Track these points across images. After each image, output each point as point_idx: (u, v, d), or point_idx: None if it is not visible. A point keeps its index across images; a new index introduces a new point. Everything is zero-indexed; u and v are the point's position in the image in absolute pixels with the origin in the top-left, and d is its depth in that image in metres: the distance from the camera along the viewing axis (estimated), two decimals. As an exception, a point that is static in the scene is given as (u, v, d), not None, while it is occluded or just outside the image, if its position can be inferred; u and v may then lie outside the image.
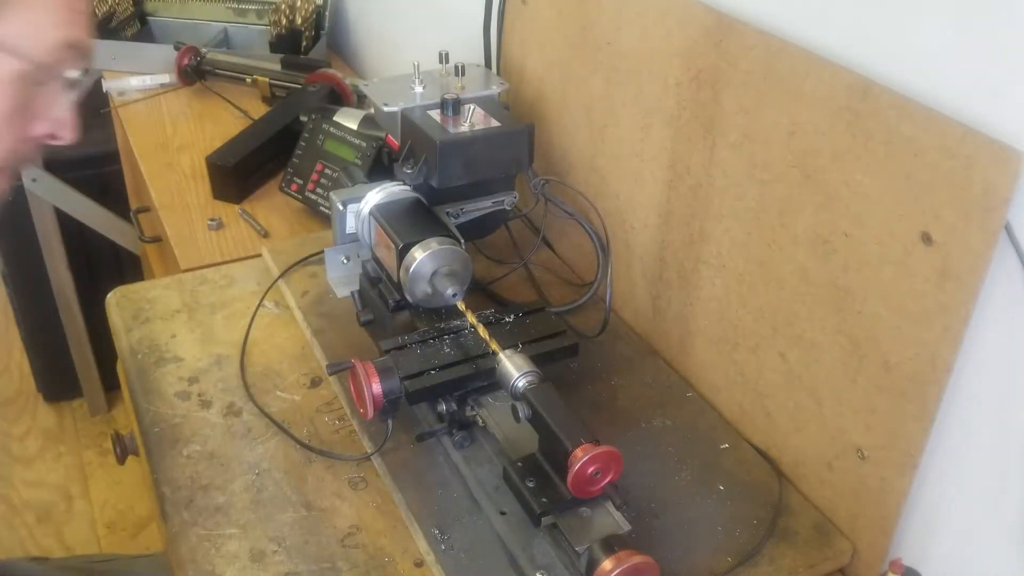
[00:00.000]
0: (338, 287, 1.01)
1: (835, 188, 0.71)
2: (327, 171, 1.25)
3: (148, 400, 0.90)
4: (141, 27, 1.87)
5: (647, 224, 0.95)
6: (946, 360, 0.65)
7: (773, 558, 0.75)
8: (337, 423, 0.88)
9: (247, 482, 0.81)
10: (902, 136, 0.64)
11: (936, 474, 0.71)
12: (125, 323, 1.00)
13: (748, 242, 0.82)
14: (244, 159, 1.35)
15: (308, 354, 0.96)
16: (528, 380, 0.72)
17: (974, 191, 0.60)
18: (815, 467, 0.80)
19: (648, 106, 0.90)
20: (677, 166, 0.88)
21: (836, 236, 0.72)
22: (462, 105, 0.90)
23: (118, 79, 1.72)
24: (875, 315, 0.70)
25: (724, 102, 0.80)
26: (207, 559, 0.74)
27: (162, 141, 1.53)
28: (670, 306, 0.95)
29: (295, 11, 1.75)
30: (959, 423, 0.68)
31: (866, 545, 0.76)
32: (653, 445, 0.85)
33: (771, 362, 0.82)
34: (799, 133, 0.73)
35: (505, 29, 1.13)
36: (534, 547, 0.72)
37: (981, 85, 0.61)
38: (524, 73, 1.11)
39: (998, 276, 0.62)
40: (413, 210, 0.89)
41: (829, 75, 0.69)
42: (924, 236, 0.64)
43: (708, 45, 0.80)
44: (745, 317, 0.84)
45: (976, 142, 0.59)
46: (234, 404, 0.90)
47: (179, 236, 1.27)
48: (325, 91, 1.50)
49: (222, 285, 1.07)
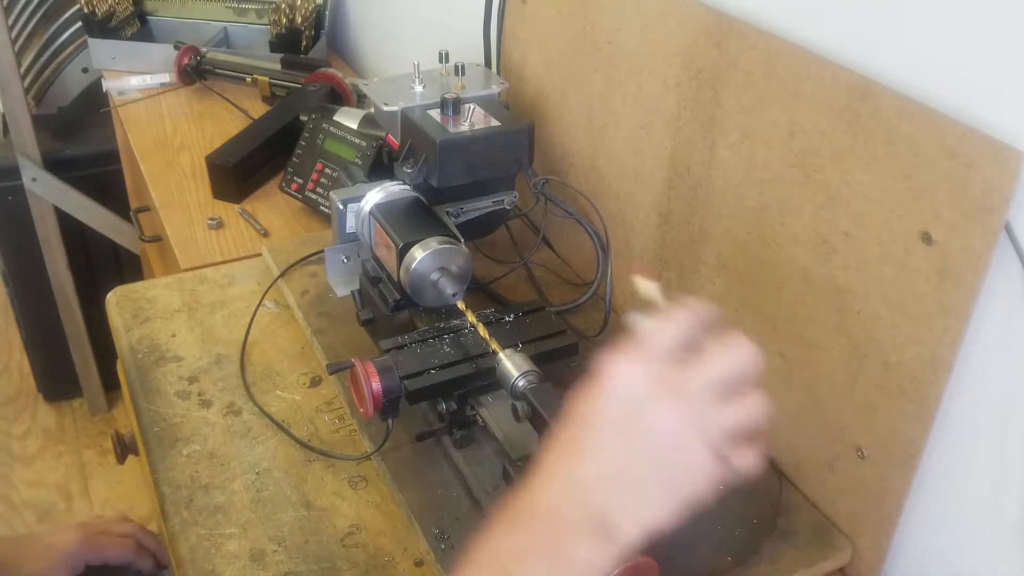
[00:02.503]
0: (338, 286, 1.01)
1: (835, 188, 0.71)
2: (327, 170, 1.25)
3: (148, 399, 0.90)
4: (141, 26, 1.87)
5: (647, 223, 0.95)
6: (946, 360, 0.65)
7: (773, 558, 0.75)
8: (337, 423, 0.88)
9: (247, 481, 0.81)
10: (902, 136, 0.64)
11: (936, 474, 0.71)
12: (125, 322, 1.00)
13: (748, 242, 0.82)
14: (244, 158, 1.35)
15: (308, 353, 0.96)
16: (528, 380, 0.72)
17: (974, 191, 0.60)
18: (815, 466, 0.80)
19: (648, 105, 0.90)
20: (677, 165, 0.88)
21: (836, 236, 0.72)
22: (462, 104, 0.90)
23: (118, 79, 1.72)
24: (875, 315, 0.70)
25: (724, 102, 0.80)
26: (207, 558, 0.74)
27: (162, 141, 1.53)
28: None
29: (295, 10, 1.75)
30: (959, 422, 0.68)
31: (866, 545, 0.76)
32: (653, 445, 0.85)
33: (771, 362, 0.82)
34: (799, 133, 0.73)
35: (505, 28, 1.13)
36: (534, 547, 0.72)
37: (981, 85, 0.61)
38: (524, 72, 1.11)
39: (998, 276, 0.62)
40: (413, 210, 0.89)
41: (829, 75, 0.69)
42: (924, 236, 0.64)
43: (708, 45, 0.80)
44: (745, 317, 0.84)
45: (976, 142, 0.59)
46: (234, 403, 0.90)
47: (179, 235, 1.27)
48: (325, 91, 1.50)
49: (222, 284, 1.07)
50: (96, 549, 1.00)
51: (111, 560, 1.01)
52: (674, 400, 0.51)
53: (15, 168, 1.87)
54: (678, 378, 0.51)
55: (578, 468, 0.51)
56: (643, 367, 0.52)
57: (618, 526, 0.50)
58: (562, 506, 0.51)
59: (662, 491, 0.50)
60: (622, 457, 0.51)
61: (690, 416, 0.50)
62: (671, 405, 0.51)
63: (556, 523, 0.50)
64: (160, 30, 1.88)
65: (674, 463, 0.50)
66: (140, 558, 1.02)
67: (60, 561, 0.98)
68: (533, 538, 0.51)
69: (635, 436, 0.51)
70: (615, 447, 0.51)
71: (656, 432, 0.50)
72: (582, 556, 0.49)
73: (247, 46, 1.83)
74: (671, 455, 0.50)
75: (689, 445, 0.50)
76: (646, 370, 0.51)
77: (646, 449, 0.50)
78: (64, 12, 2.09)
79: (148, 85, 1.70)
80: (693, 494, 0.51)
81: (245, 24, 1.86)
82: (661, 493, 0.50)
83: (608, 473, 0.50)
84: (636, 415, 0.51)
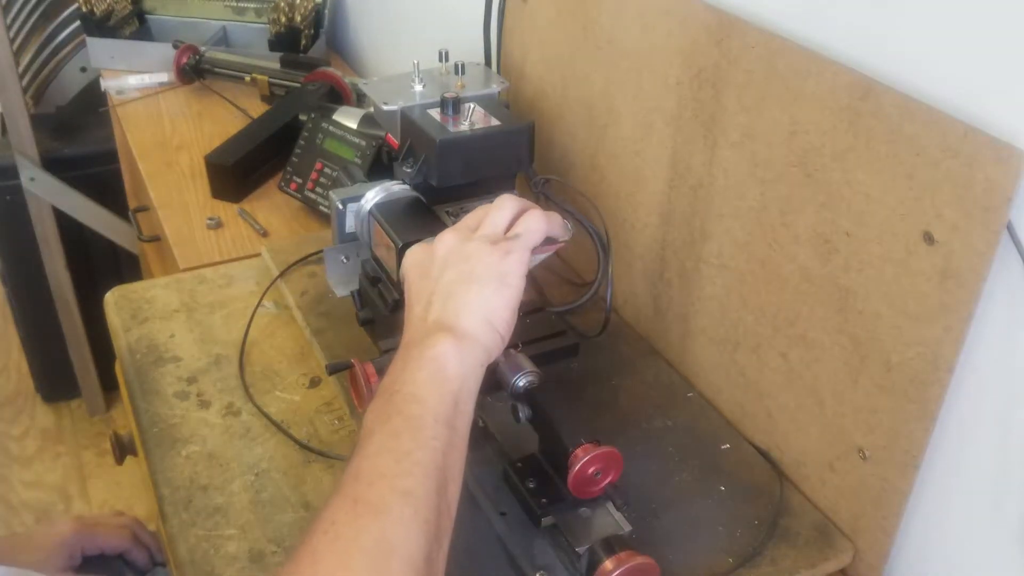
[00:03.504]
0: (337, 287, 1.00)
1: (836, 187, 0.70)
2: (326, 170, 1.25)
3: (147, 400, 0.90)
4: (139, 25, 1.87)
5: (648, 223, 0.95)
6: (948, 360, 0.65)
7: (774, 559, 0.75)
8: (337, 423, 0.88)
9: (246, 482, 0.81)
10: (904, 135, 0.64)
11: (937, 474, 0.71)
12: (124, 323, 1.00)
13: (749, 241, 0.81)
14: (243, 158, 1.34)
15: (307, 354, 0.96)
16: (528, 380, 0.72)
17: (976, 190, 0.59)
18: (816, 467, 0.80)
19: (649, 105, 0.90)
20: (678, 165, 0.88)
21: (837, 235, 0.71)
22: (462, 104, 0.89)
23: (116, 78, 1.71)
24: (876, 315, 0.70)
25: (725, 101, 0.80)
26: (206, 560, 0.74)
27: (161, 140, 1.52)
28: (671, 306, 0.95)
29: (294, 9, 1.75)
30: (960, 423, 0.68)
31: (867, 545, 0.76)
32: (654, 445, 0.85)
33: (772, 362, 0.82)
34: (800, 132, 0.73)
35: (505, 27, 1.13)
36: (534, 547, 0.72)
37: (983, 84, 0.60)
38: (524, 71, 1.11)
39: (1000, 276, 0.62)
40: (413, 209, 0.89)
41: (830, 74, 0.69)
42: (926, 235, 0.64)
43: (709, 44, 0.80)
44: (746, 317, 0.84)
45: (978, 141, 0.59)
46: (233, 404, 0.89)
47: (178, 235, 1.27)
48: (324, 90, 1.50)
49: (221, 285, 1.06)
50: (92, 538, 0.99)
51: (107, 549, 1.00)
52: (440, 236, 0.70)
53: (13, 168, 1.87)
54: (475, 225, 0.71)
55: (412, 314, 0.68)
56: (420, 244, 0.72)
57: (454, 321, 0.65)
58: (412, 337, 0.66)
59: (470, 285, 0.66)
60: (429, 286, 0.68)
61: (457, 235, 0.70)
62: (439, 240, 0.70)
63: (413, 346, 0.64)
64: (159, 29, 1.88)
65: (464, 264, 0.67)
66: (136, 548, 1.02)
67: (56, 551, 0.97)
68: (401, 362, 0.64)
69: (430, 271, 0.69)
70: (422, 286, 0.68)
71: (439, 257, 0.69)
72: (438, 348, 0.63)
73: (246, 45, 1.83)
74: (459, 261, 0.67)
75: (468, 248, 0.68)
76: (422, 244, 0.72)
77: (440, 271, 0.68)
78: (62, 11, 2.09)
79: (147, 84, 1.70)
80: (499, 275, 0.66)
81: (244, 23, 1.86)
82: (471, 286, 0.66)
83: (427, 300, 0.67)
84: (424, 261, 0.70)
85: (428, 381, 0.62)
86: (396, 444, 0.59)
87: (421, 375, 0.62)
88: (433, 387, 0.62)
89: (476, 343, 0.64)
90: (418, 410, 0.61)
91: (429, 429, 0.60)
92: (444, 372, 0.62)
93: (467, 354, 0.64)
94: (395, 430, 0.60)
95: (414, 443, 0.59)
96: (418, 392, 0.62)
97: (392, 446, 0.59)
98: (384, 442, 0.60)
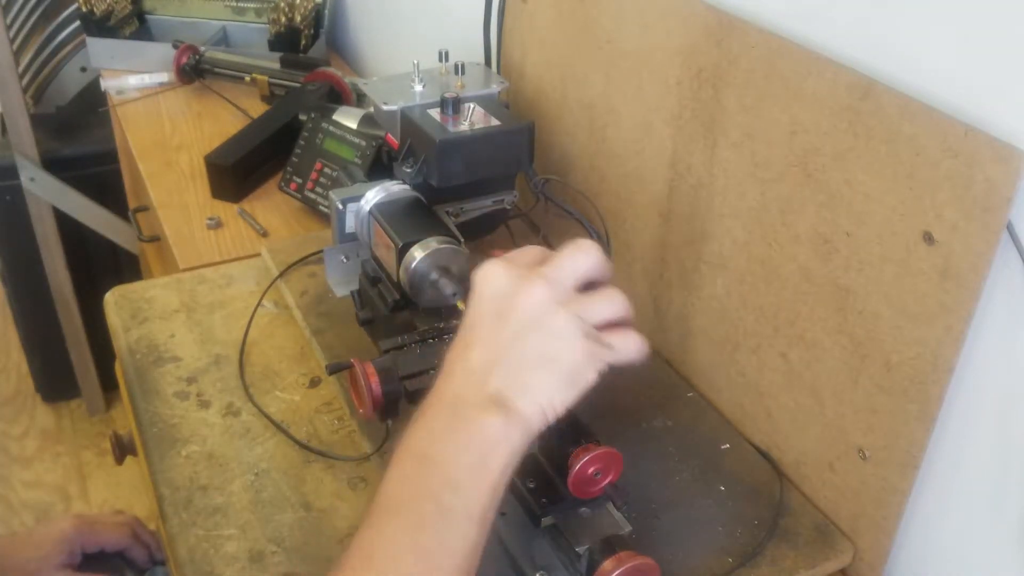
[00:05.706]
0: (337, 287, 1.00)
1: (836, 187, 0.70)
2: (326, 170, 1.24)
3: (146, 400, 0.90)
4: (139, 25, 1.87)
5: (648, 223, 0.95)
6: (948, 360, 0.65)
7: (774, 559, 0.75)
8: (337, 423, 0.88)
9: (246, 483, 0.81)
10: (903, 135, 0.64)
11: (937, 474, 0.71)
12: (123, 323, 1.00)
13: (749, 241, 0.81)
14: (243, 158, 1.34)
15: (307, 354, 0.96)
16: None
17: (976, 190, 0.59)
18: (816, 467, 0.80)
19: (649, 105, 0.90)
20: (678, 165, 0.88)
21: (837, 235, 0.71)
22: (462, 104, 0.89)
23: (116, 78, 1.71)
24: (876, 315, 0.70)
25: (725, 101, 0.80)
26: (206, 560, 0.74)
27: (160, 140, 1.52)
28: (671, 306, 0.95)
29: (294, 9, 1.75)
30: (960, 423, 0.68)
31: (867, 545, 0.76)
32: (654, 445, 0.85)
33: (772, 362, 0.82)
34: (800, 132, 0.73)
35: (505, 27, 1.13)
36: (534, 548, 0.72)
37: (983, 84, 0.60)
38: (524, 71, 1.11)
39: (1000, 276, 0.62)
40: (413, 209, 0.89)
41: (831, 74, 0.69)
42: (926, 235, 0.64)
43: (709, 44, 0.80)
44: (746, 317, 0.84)
45: (978, 141, 0.59)
46: (233, 404, 0.89)
47: (178, 235, 1.27)
48: (324, 90, 1.50)
49: (221, 285, 1.06)
50: (92, 535, 0.99)
51: (107, 545, 1.00)
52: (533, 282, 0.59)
53: (13, 168, 1.87)
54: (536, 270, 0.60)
55: (471, 359, 0.59)
56: (504, 265, 0.61)
57: (513, 400, 0.57)
58: (463, 392, 0.59)
59: (546, 368, 0.58)
60: (503, 340, 0.59)
61: (551, 294, 0.59)
62: (531, 286, 0.59)
63: (461, 407, 0.58)
64: (159, 29, 1.88)
65: (549, 340, 0.58)
66: (136, 546, 1.02)
67: (55, 547, 0.96)
68: (444, 423, 0.58)
69: (508, 320, 0.59)
70: (495, 333, 0.59)
71: (524, 311, 0.59)
72: (488, 431, 0.57)
73: (246, 45, 1.83)
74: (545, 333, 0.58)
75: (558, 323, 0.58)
76: (507, 267, 0.61)
77: (521, 329, 0.58)
78: (62, 11, 2.09)
79: (147, 84, 1.70)
80: (576, 370, 0.58)
81: (244, 23, 1.86)
82: (546, 369, 0.58)
83: (494, 357, 0.59)
84: (505, 301, 0.59)
85: (471, 468, 0.57)
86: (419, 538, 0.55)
87: (465, 459, 0.57)
88: (475, 478, 0.57)
89: (528, 430, 0.58)
90: (452, 501, 0.56)
91: (460, 528, 0.56)
92: (490, 464, 0.57)
93: (516, 441, 0.58)
94: (422, 520, 0.56)
95: (437, 542, 0.56)
96: (458, 478, 0.57)
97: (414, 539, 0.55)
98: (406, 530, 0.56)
